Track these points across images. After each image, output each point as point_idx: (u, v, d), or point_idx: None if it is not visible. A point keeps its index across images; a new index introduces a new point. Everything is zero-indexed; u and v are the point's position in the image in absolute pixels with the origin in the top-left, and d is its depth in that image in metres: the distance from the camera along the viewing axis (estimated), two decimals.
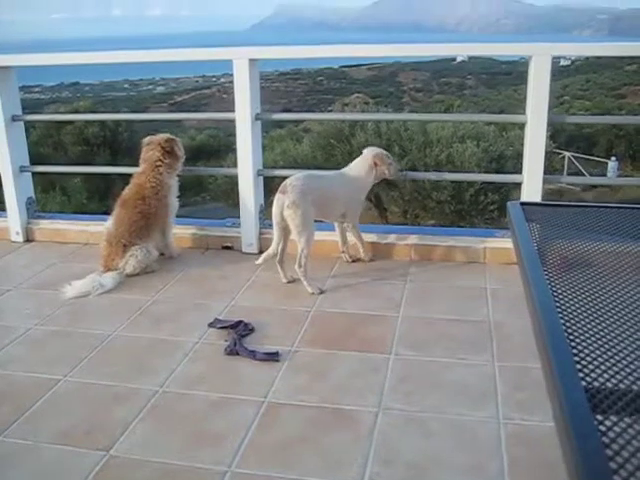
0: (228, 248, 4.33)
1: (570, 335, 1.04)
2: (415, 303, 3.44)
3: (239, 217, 4.29)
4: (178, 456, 2.23)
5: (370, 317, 3.29)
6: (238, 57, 4.04)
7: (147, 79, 61.91)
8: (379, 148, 4.06)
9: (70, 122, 15.63)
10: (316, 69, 57.35)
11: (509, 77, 47.63)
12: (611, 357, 0.99)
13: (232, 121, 4.17)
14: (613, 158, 25.70)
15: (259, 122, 4.20)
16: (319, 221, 3.79)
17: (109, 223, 4.00)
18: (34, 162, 4.86)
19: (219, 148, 19.76)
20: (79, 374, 2.79)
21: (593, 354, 0.99)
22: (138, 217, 3.94)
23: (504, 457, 2.17)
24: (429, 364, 2.81)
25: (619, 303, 1.20)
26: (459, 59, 55.05)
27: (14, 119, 4.50)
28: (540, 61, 3.65)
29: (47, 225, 4.68)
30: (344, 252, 4.02)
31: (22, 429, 2.40)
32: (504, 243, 3.92)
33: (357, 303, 3.45)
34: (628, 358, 0.99)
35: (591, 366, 0.95)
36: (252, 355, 2.88)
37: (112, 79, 58.54)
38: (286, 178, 3.67)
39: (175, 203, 4.18)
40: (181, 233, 4.39)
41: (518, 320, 3.11)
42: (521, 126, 4.06)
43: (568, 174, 22.33)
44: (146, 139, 4.19)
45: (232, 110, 4.15)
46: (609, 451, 0.76)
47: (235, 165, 4.27)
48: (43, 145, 15.24)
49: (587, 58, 46.57)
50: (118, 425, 2.40)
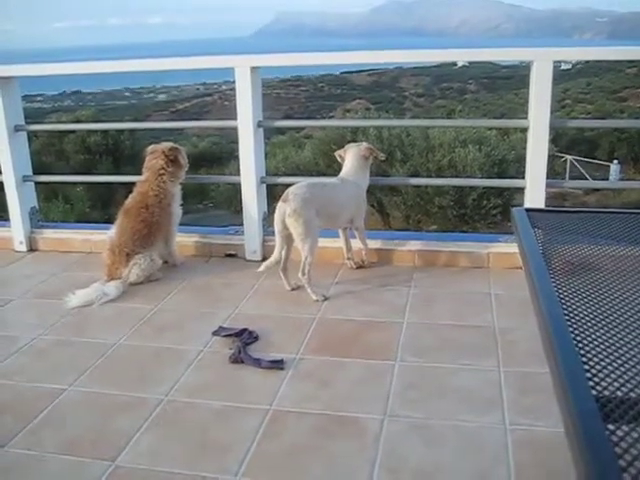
0: (231, 256, 4.33)
1: (579, 343, 1.03)
2: (419, 309, 3.43)
3: (242, 225, 4.29)
4: (184, 465, 2.22)
5: (375, 324, 3.28)
6: (240, 65, 4.04)
7: (148, 87, 62.12)
8: (357, 142, 4.12)
9: (72, 131, 15.67)
10: (317, 75, 57.49)
11: (510, 81, 47.72)
12: (621, 365, 0.98)
13: (234, 129, 4.17)
14: (615, 161, 25.69)
15: (261, 130, 4.20)
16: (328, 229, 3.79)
17: (112, 232, 4.00)
18: (37, 171, 4.86)
19: (221, 155, 19.81)
20: (83, 384, 2.79)
21: (603, 362, 0.98)
22: (141, 226, 3.93)
23: (510, 463, 2.15)
24: (434, 370, 2.79)
25: (627, 310, 1.19)
26: (460, 64, 55.10)
27: (17, 129, 4.51)
28: (541, 66, 3.65)
29: (50, 234, 4.68)
30: (349, 259, 4.02)
31: (27, 440, 2.39)
32: (508, 248, 3.91)
33: (361, 310, 3.44)
34: (639, 366, 0.99)
35: (601, 374, 0.94)
36: (257, 363, 2.87)
37: (113, 87, 58.74)
38: (289, 186, 3.67)
39: (178, 211, 4.18)
40: (184, 241, 4.39)
41: (523, 325, 3.10)
42: (523, 130, 4.05)
43: (570, 177, 22.32)
44: (150, 147, 4.19)
45: (234, 118, 4.15)
46: (622, 462, 0.75)
47: (238, 173, 4.27)
48: (45, 154, 15.29)
49: (588, 61, 46.56)
50: (123, 435, 2.39)
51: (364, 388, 2.68)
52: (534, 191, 3.79)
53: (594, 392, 0.89)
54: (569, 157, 25.51)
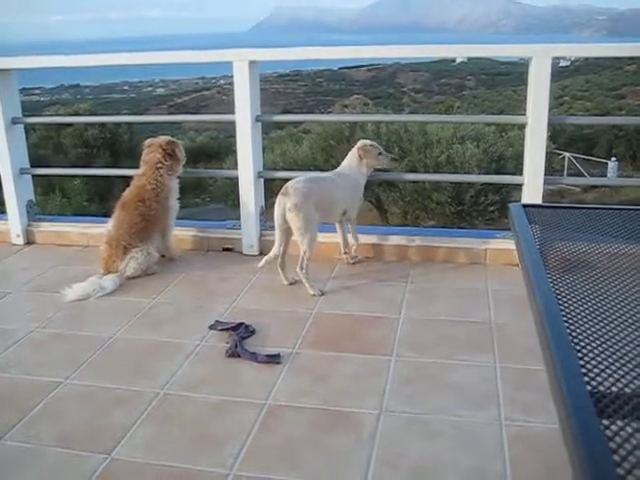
0: (229, 250, 4.33)
1: (574, 339, 1.03)
2: (416, 304, 3.44)
3: (239, 219, 4.29)
4: (179, 459, 2.22)
5: (371, 319, 3.29)
6: (238, 59, 4.04)
7: (147, 81, 61.98)
8: (366, 140, 4.08)
9: (70, 124, 15.62)
10: (315, 70, 57.41)
11: (508, 78, 47.70)
12: (616, 361, 0.98)
13: (232, 123, 4.16)
14: (613, 158, 25.71)
15: (259, 124, 4.20)
16: (323, 223, 3.78)
17: (109, 225, 4.00)
18: (34, 165, 4.85)
19: (219, 150, 19.76)
20: (80, 377, 2.79)
21: (598, 358, 0.98)
22: (138, 219, 3.93)
23: (506, 458, 2.16)
24: (431, 366, 2.80)
25: (623, 306, 1.19)
26: (459, 60, 55.02)
27: (14, 121, 4.50)
28: (540, 62, 3.65)
29: (48, 228, 4.67)
30: (346, 253, 4.02)
31: (23, 432, 2.40)
32: (505, 244, 3.92)
33: (358, 305, 3.44)
34: (633, 362, 0.99)
35: (596, 370, 0.95)
36: (253, 357, 2.87)
37: (112, 81, 58.61)
38: (286, 180, 3.66)
39: (176, 205, 4.18)
40: (182, 235, 4.39)
41: (519, 321, 3.10)
42: (521, 127, 4.05)
43: (568, 175, 22.35)
44: (147, 141, 4.19)
45: (232, 112, 4.14)
46: (616, 457, 0.76)
47: (235, 167, 4.27)
48: (43, 147, 15.23)
49: (586, 59, 46.61)
50: (119, 428, 2.39)
51: (360, 383, 2.68)
52: (532, 187, 3.79)
53: (589, 387, 0.90)
54: (567, 154, 25.52)
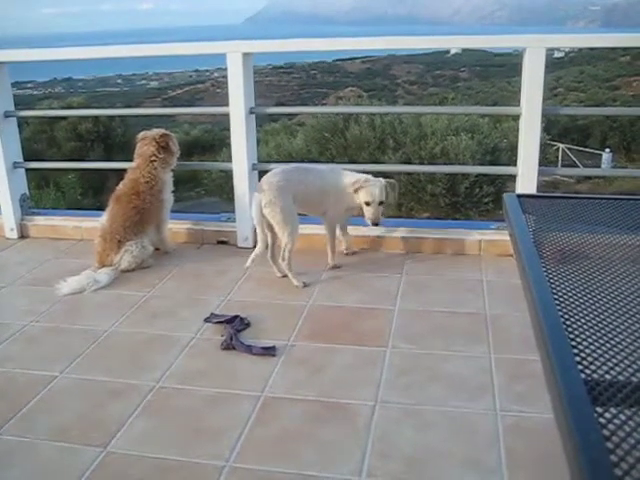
0: (223, 243, 4.32)
1: (568, 327, 1.03)
2: (411, 295, 3.44)
3: (234, 212, 4.28)
4: (175, 452, 2.22)
5: (366, 310, 3.29)
6: (232, 51, 4.02)
7: (140, 74, 61.72)
8: (389, 180, 3.68)
9: (63, 118, 15.59)
10: (310, 63, 57.25)
11: (502, 69, 47.64)
12: (610, 349, 0.99)
13: (226, 115, 4.15)
14: (607, 150, 25.74)
15: (253, 116, 4.19)
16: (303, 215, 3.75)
17: (103, 219, 3.98)
18: (28, 159, 4.83)
19: (213, 143, 19.75)
20: (75, 370, 2.78)
21: (592, 346, 0.99)
22: (133, 212, 3.92)
23: (501, 449, 2.17)
24: (426, 357, 2.80)
25: (617, 295, 1.20)
26: (453, 51, 55.05)
27: (7, 115, 4.47)
28: (534, 53, 3.64)
29: (41, 221, 4.66)
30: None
31: (18, 426, 2.39)
32: (499, 235, 3.92)
33: (353, 296, 3.44)
34: (627, 350, 0.99)
35: (590, 358, 0.95)
36: (249, 350, 2.87)
37: (105, 74, 58.35)
38: None
39: (170, 198, 4.17)
40: (176, 228, 4.38)
41: (514, 312, 3.11)
42: (515, 118, 4.05)
43: (562, 166, 22.37)
44: (141, 134, 4.17)
45: (226, 104, 4.13)
46: (610, 444, 0.76)
47: (230, 159, 4.26)
48: (36, 141, 15.20)
49: (580, 50, 46.63)
50: (115, 421, 2.39)
51: (355, 374, 2.69)
52: (526, 178, 3.79)
53: (583, 375, 0.90)
54: (561, 145, 25.55)
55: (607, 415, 0.81)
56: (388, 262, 3.91)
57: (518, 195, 1.75)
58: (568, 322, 1.05)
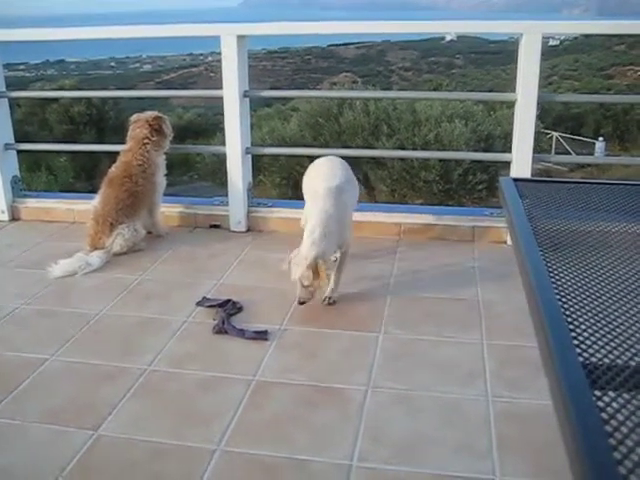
0: (216, 227, 4.31)
1: (566, 311, 1.03)
2: (404, 282, 3.44)
3: (227, 195, 4.26)
4: (167, 435, 2.22)
5: (359, 296, 3.28)
6: (226, 33, 3.98)
7: (134, 57, 61.24)
8: (307, 255, 3.01)
9: (55, 100, 15.46)
10: (304, 48, 56.94)
11: (497, 57, 47.51)
12: (608, 333, 0.98)
13: (220, 99, 4.12)
14: (601, 138, 25.78)
15: (247, 99, 4.16)
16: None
17: (96, 201, 3.96)
18: (19, 141, 4.79)
19: (207, 127, 19.66)
20: (66, 353, 2.77)
21: (590, 330, 0.98)
22: (125, 195, 3.90)
23: (493, 435, 2.17)
24: (418, 342, 2.80)
25: (614, 279, 1.19)
26: (448, 38, 54.85)
27: None
28: (531, 39, 3.63)
29: (33, 204, 4.62)
30: None
31: (9, 409, 2.38)
32: (493, 222, 3.92)
33: (346, 282, 3.43)
34: (625, 334, 0.99)
35: (588, 342, 0.94)
36: (241, 334, 2.86)
37: (98, 57, 57.91)
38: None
39: (163, 181, 4.14)
40: (169, 211, 4.36)
41: (507, 298, 3.12)
42: (510, 105, 4.05)
43: (556, 154, 22.37)
44: (133, 116, 4.15)
45: (220, 87, 4.10)
46: (608, 427, 0.76)
47: (223, 143, 4.23)
48: (28, 124, 15.08)
49: (576, 38, 46.47)
50: (106, 404, 2.38)
51: (348, 359, 2.69)
52: (520, 165, 3.78)
53: (581, 359, 0.90)
54: (555, 134, 25.56)
55: (605, 399, 0.81)
56: (381, 248, 3.90)
57: (514, 179, 1.73)
58: (566, 305, 1.05)
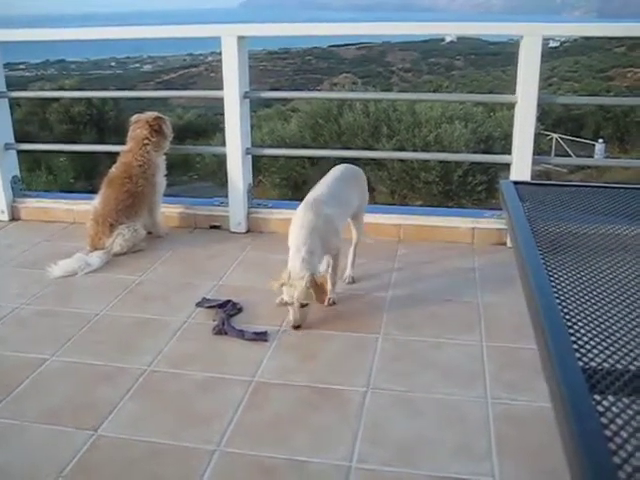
0: (216, 227, 4.31)
1: (566, 315, 1.03)
2: (404, 283, 3.44)
3: (227, 196, 4.26)
4: (166, 435, 2.22)
5: (359, 297, 3.29)
6: (227, 34, 3.99)
7: (134, 57, 61.21)
8: (304, 275, 2.94)
9: (56, 100, 15.47)
10: (304, 48, 56.94)
11: (497, 58, 47.51)
12: (607, 337, 0.98)
13: (220, 99, 4.12)
14: (600, 140, 25.77)
15: (247, 100, 4.16)
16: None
17: (96, 202, 3.96)
18: (19, 141, 4.79)
19: (207, 127, 19.67)
20: (66, 353, 2.77)
21: (589, 334, 0.98)
22: (125, 196, 3.90)
23: (492, 436, 2.17)
24: (418, 344, 2.80)
25: (614, 283, 1.19)
26: (448, 39, 54.77)
27: None
28: (531, 41, 3.63)
29: (33, 204, 4.62)
30: None
31: (9, 409, 2.38)
32: (493, 224, 3.92)
33: (345, 283, 3.43)
34: (624, 338, 0.99)
35: (588, 346, 0.95)
36: (241, 335, 2.87)
37: (98, 57, 57.88)
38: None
39: (163, 182, 4.15)
40: (169, 212, 4.36)
41: (507, 300, 3.12)
42: (510, 106, 4.04)
43: (556, 156, 22.37)
44: (134, 117, 4.15)
45: (220, 88, 4.10)
46: (608, 432, 0.76)
47: (223, 144, 4.23)
48: (28, 123, 15.08)
49: (576, 40, 46.48)
50: (106, 405, 2.38)
51: (347, 361, 2.69)
52: (520, 167, 3.78)
53: (581, 363, 0.90)
54: (555, 135, 25.57)
55: (605, 403, 0.81)
56: (381, 250, 3.90)
57: (514, 182, 1.74)
58: (565, 309, 1.05)
